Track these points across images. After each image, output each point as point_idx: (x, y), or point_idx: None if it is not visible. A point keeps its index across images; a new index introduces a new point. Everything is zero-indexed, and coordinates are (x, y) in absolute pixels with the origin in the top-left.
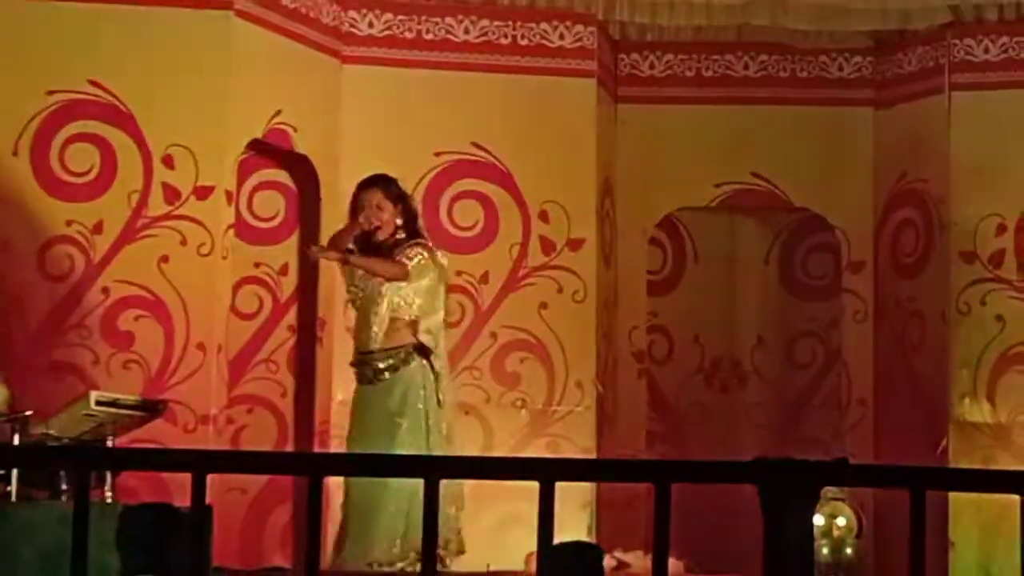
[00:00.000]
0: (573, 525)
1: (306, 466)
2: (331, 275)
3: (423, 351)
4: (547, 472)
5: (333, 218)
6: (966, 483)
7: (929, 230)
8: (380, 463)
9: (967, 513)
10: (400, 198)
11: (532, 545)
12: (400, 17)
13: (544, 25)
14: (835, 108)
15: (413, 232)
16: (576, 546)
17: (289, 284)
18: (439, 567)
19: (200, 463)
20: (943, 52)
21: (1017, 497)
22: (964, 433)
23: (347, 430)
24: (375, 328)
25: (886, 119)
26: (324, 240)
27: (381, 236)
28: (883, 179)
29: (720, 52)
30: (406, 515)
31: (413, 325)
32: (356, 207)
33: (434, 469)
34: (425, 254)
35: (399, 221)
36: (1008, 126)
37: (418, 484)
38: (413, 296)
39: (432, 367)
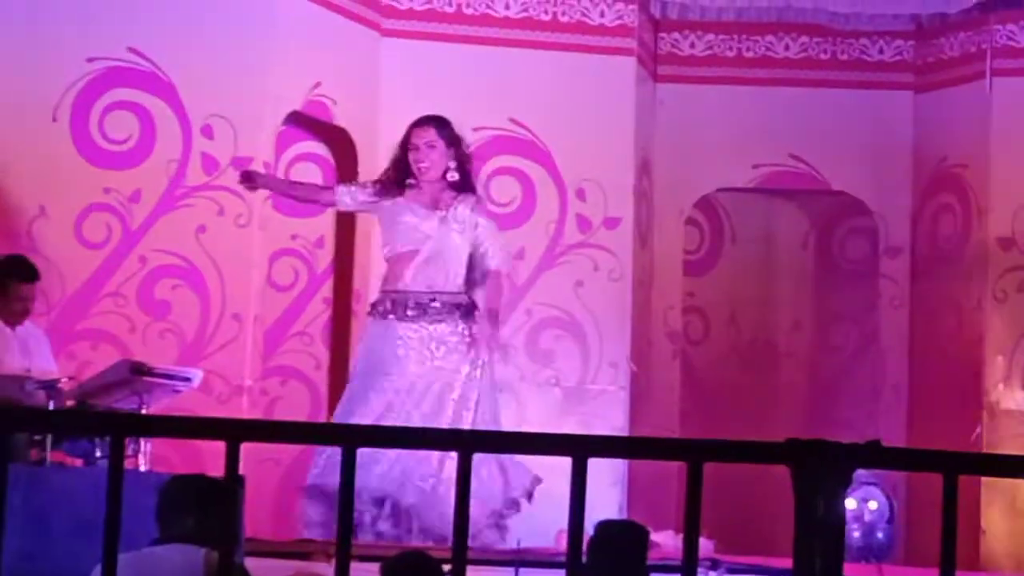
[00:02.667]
0: (604, 503)
1: (341, 436)
2: (367, 248)
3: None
4: (580, 448)
5: None
6: (999, 468)
7: (967, 216)
8: (414, 436)
9: (1000, 502)
10: (454, 141)
11: (562, 522)
12: None
13: (585, 2)
14: (875, 91)
15: (467, 180)
16: (623, 524)
17: (325, 257)
18: None
19: (234, 431)
20: (985, 37)
21: None
22: (998, 421)
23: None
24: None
25: (926, 103)
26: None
27: (429, 176)
28: (922, 164)
29: (761, 33)
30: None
31: None
32: (406, 145)
33: (468, 443)
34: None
35: (451, 164)
36: None
37: None
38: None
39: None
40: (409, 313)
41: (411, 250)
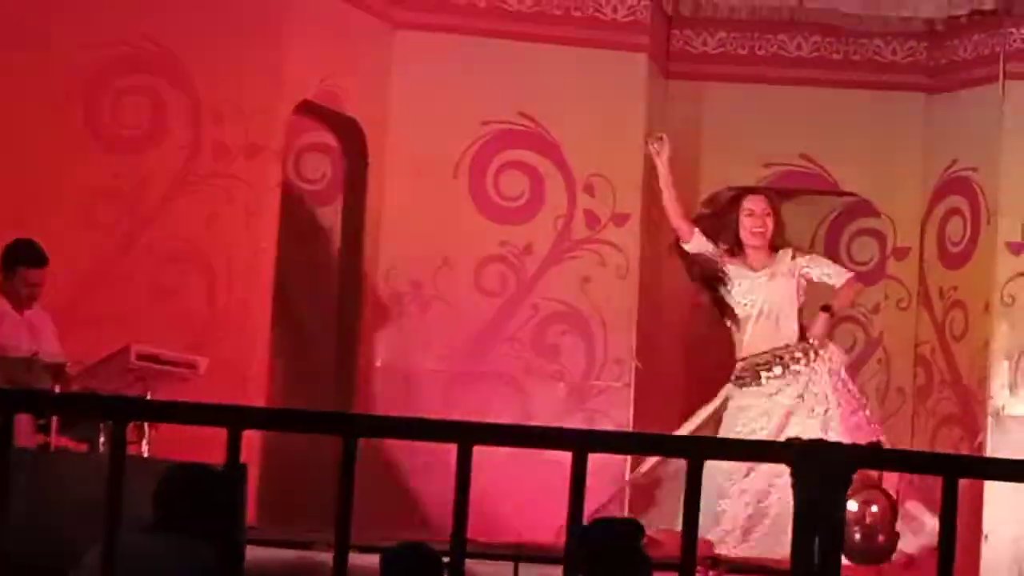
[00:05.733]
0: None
1: (340, 425)
2: (375, 240)
3: None
4: (580, 442)
5: (379, 182)
6: (999, 472)
7: (976, 219)
8: (414, 427)
9: (1002, 506)
10: (777, 210)
11: (564, 518)
12: None
13: None
14: (887, 92)
15: (782, 239)
16: (614, 521)
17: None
18: None
19: (235, 418)
20: (998, 40)
21: None
22: (1003, 426)
23: None
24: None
25: (938, 105)
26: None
27: (758, 242)
28: (932, 166)
29: (773, 32)
30: None
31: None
32: (736, 209)
33: (468, 435)
34: None
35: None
36: None
37: None
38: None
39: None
40: (753, 380)
41: (748, 314)
